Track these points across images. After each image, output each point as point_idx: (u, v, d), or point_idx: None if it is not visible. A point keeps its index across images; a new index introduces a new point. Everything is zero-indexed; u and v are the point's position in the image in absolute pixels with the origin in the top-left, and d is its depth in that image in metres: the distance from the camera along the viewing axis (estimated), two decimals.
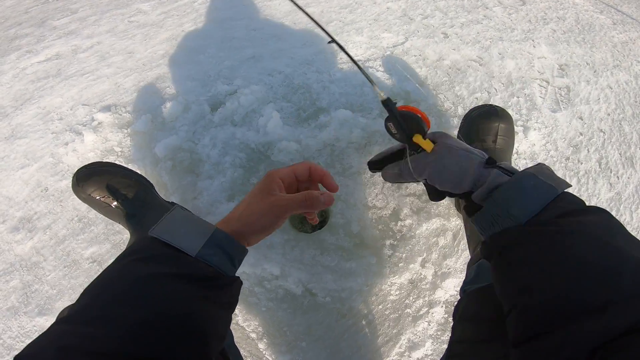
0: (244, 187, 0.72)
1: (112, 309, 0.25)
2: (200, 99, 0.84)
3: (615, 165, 0.83)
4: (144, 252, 0.28)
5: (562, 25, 1.14)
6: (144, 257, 0.28)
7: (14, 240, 0.73)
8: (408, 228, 0.70)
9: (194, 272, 0.27)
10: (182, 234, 0.29)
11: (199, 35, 1.06)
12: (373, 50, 0.98)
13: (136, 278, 0.26)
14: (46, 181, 0.79)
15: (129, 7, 1.21)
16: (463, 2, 1.18)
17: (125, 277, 0.27)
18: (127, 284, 0.26)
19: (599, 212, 0.29)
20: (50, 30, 1.16)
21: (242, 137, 0.75)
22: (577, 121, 0.90)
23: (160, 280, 0.26)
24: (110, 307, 0.25)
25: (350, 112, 0.76)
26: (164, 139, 0.76)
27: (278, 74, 0.90)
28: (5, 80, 1.01)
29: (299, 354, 0.60)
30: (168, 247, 0.28)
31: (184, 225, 0.30)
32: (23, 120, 0.92)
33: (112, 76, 0.96)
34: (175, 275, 0.27)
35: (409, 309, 0.65)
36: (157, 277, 0.26)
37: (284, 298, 0.63)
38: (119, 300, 0.25)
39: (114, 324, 0.24)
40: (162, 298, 0.26)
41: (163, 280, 0.26)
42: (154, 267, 0.27)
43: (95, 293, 0.27)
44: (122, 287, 0.26)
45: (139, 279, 0.26)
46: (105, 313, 0.25)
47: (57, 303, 0.66)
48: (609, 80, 0.99)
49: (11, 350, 0.63)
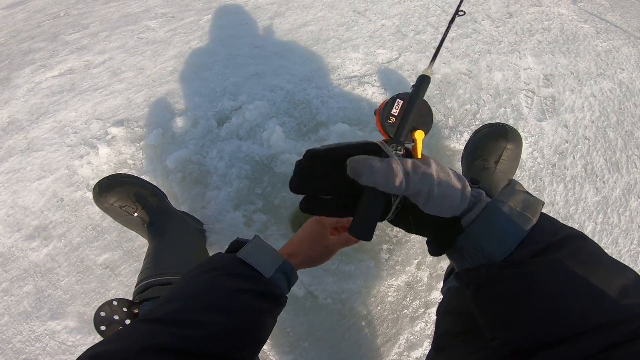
0: (249, 197, 0.77)
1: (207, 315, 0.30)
2: (208, 114, 0.90)
3: (600, 171, 0.87)
4: (230, 269, 0.34)
5: (548, 36, 1.19)
6: (230, 273, 0.34)
7: (29, 248, 0.76)
8: (403, 233, 0.74)
9: (268, 290, 0.34)
10: (260, 259, 0.36)
11: (205, 53, 1.12)
12: (369, 66, 1.04)
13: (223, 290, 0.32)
14: (62, 192, 0.83)
15: (137, 23, 1.27)
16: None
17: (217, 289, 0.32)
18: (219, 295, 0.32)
19: (576, 241, 0.27)
20: (62, 45, 1.21)
21: (247, 150, 0.80)
22: (563, 129, 0.94)
23: (243, 294, 0.32)
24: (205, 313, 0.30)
25: (347, 125, 0.82)
26: (174, 152, 0.81)
27: (280, 90, 0.95)
28: (21, 94, 1.06)
29: (302, 354, 0.63)
30: (249, 268, 0.35)
31: (262, 252, 0.37)
32: (39, 133, 0.96)
33: (124, 91, 1.02)
34: (254, 292, 0.33)
35: (406, 309, 0.68)
36: (241, 291, 0.32)
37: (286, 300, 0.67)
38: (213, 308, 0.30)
39: (210, 329, 0.28)
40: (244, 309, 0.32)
41: (245, 294, 0.33)
42: (238, 283, 0.33)
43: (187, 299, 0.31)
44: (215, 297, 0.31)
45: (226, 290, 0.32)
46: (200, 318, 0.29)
47: (69, 307, 0.68)
48: (592, 89, 1.04)
49: (20, 354, 0.64)
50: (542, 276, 0.25)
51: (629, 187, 0.85)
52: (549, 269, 0.25)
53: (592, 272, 0.25)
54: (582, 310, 0.24)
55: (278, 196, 0.77)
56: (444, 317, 0.44)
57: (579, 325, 0.23)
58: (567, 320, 0.24)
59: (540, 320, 0.25)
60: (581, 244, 0.27)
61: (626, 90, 1.06)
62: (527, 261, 0.26)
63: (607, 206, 0.82)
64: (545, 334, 0.24)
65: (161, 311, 0.30)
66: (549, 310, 0.25)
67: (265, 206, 0.76)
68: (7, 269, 0.73)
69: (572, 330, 0.23)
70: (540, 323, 0.25)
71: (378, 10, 1.25)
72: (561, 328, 0.24)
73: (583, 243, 0.27)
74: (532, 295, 0.25)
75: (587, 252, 0.27)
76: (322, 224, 0.44)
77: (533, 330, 0.25)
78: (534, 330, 0.25)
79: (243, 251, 0.36)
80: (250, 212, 0.76)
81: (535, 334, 0.24)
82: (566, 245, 0.27)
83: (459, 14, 0.35)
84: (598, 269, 0.26)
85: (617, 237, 0.78)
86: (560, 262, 0.26)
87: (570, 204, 0.82)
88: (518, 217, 0.27)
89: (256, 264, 0.35)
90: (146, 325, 0.29)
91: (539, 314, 0.25)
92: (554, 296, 0.25)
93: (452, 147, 0.87)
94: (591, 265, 0.26)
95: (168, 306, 0.31)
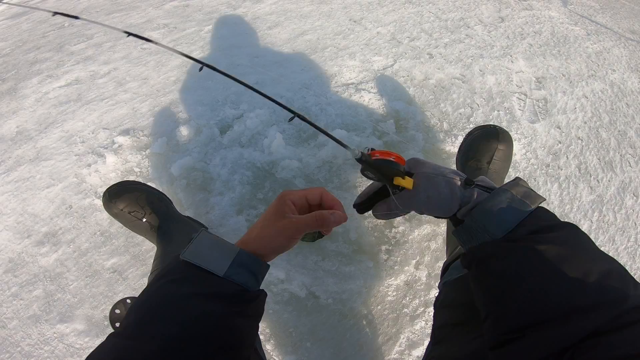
0: (252, 202, 0.80)
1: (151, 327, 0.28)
2: (210, 123, 0.93)
3: (594, 170, 0.89)
4: (177, 273, 0.31)
5: (539, 39, 1.22)
6: (177, 278, 0.31)
7: (39, 253, 0.78)
8: (401, 234, 0.76)
9: (223, 290, 0.31)
10: (210, 256, 0.32)
11: (206, 62, 1.15)
12: (365, 74, 1.07)
13: (171, 298, 0.29)
14: (70, 199, 0.85)
15: (141, 34, 1.30)
16: (446, 23, 1.27)
17: (161, 297, 0.30)
18: (163, 303, 0.29)
19: (568, 227, 0.30)
20: (68, 55, 1.24)
21: (248, 157, 0.83)
22: (555, 130, 0.96)
23: (192, 299, 0.29)
24: (149, 325, 0.28)
25: (345, 131, 0.84)
26: (179, 160, 0.83)
27: (280, 98, 0.98)
28: (29, 104, 1.08)
29: (304, 354, 0.64)
30: (198, 269, 0.31)
31: (211, 249, 0.33)
32: (48, 143, 0.98)
33: (130, 101, 1.05)
34: (206, 295, 0.30)
35: (406, 308, 0.69)
36: (189, 296, 0.29)
37: (289, 301, 0.68)
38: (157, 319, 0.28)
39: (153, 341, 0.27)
40: (195, 315, 0.28)
41: (195, 299, 0.29)
42: (187, 287, 0.30)
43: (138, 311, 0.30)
44: (159, 306, 0.29)
45: (173, 298, 0.29)
46: (145, 330, 0.28)
47: (78, 310, 0.70)
48: (584, 90, 1.06)
49: (29, 358, 0.64)
50: (533, 254, 0.28)
51: (624, 185, 0.87)
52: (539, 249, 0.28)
53: (579, 256, 0.27)
54: (568, 290, 0.25)
55: None
56: (441, 310, 0.45)
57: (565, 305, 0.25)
58: (553, 299, 0.25)
59: (529, 297, 0.26)
60: (573, 231, 0.30)
61: (618, 90, 1.08)
62: (524, 238, 0.29)
63: (602, 204, 0.83)
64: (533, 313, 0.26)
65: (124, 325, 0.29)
66: (538, 288, 0.26)
67: None
68: (17, 274, 0.74)
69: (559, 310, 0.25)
70: (529, 301, 0.26)
71: (373, 19, 1.29)
72: (548, 307, 0.25)
73: (575, 231, 0.30)
74: (524, 272, 0.28)
75: (577, 239, 0.29)
76: (282, 200, 0.36)
77: (522, 307, 0.26)
78: (523, 307, 0.26)
79: (186, 252, 0.32)
80: (253, 216, 0.78)
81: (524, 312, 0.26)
82: (559, 230, 0.30)
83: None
84: (585, 253, 0.28)
85: (613, 235, 0.79)
86: (551, 242, 0.28)
87: (565, 203, 0.83)
88: (518, 202, 0.31)
89: (204, 263, 0.31)
90: (115, 340, 0.28)
91: (528, 292, 0.27)
92: (543, 275, 0.27)
93: (447, 150, 0.90)
94: (579, 250, 0.28)
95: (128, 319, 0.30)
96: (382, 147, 0.87)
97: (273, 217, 0.35)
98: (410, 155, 0.85)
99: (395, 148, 0.89)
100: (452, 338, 0.39)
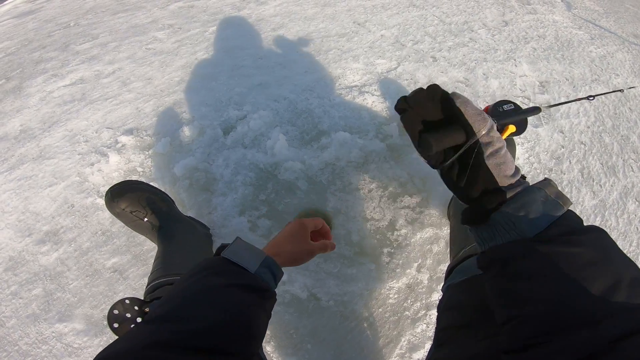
0: (254, 203, 0.79)
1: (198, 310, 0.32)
2: (214, 124, 0.93)
3: (597, 175, 0.89)
4: (217, 268, 0.37)
5: (542, 43, 1.22)
6: (218, 271, 0.36)
7: (40, 252, 0.78)
8: (404, 237, 0.76)
9: (254, 283, 0.37)
10: (244, 256, 0.39)
11: (210, 63, 1.16)
12: (369, 76, 1.08)
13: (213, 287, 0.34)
14: (73, 198, 0.85)
15: (145, 34, 1.31)
16: (450, 27, 1.28)
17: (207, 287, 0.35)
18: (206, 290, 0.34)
19: (598, 232, 0.30)
20: (73, 54, 1.25)
21: (251, 158, 0.83)
22: (559, 135, 0.96)
23: (231, 289, 0.35)
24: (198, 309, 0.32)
25: (349, 134, 0.84)
26: (182, 160, 0.84)
27: (283, 99, 0.99)
28: (33, 103, 1.09)
29: (305, 356, 0.64)
30: (234, 265, 0.38)
31: (245, 251, 0.40)
32: (51, 141, 0.99)
33: (133, 101, 1.05)
34: (241, 285, 0.36)
35: (407, 311, 0.69)
36: (229, 286, 0.35)
37: (290, 302, 0.68)
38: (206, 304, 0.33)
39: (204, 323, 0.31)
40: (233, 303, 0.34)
41: (233, 289, 0.35)
42: (226, 279, 0.36)
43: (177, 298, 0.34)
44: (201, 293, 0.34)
45: (215, 287, 0.34)
46: (194, 314, 0.31)
47: (77, 310, 0.69)
48: (588, 94, 1.07)
49: (26, 357, 0.64)
50: (564, 257, 0.27)
51: (626, 190, 0.87)
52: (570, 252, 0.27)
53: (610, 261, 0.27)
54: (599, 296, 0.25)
55: (282, 202, 0.80)
56: (444, 312, 0.45)
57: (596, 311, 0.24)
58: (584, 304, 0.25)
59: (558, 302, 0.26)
60: (601, 235, 0.30)
61: (621, 95, 1.08)
62: (556, 238, 0.29)
63: (605, 209, 0.83)
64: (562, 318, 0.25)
65: (161, 311, 0.32)
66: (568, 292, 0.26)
67: (269, 212, 0.79)
68: (17, 273, 0.74)
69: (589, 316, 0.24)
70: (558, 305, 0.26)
71: (377, 22, 1.30)
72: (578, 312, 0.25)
73: (603, 235, 0.30)
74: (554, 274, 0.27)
75: (606, 243, 0.29)
76: (304, 226, 0.47)
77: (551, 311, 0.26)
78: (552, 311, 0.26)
79: (227, 251, 0.39)
80: (255, 217, 0.78)
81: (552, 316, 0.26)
82: (588, 233, 0.29)
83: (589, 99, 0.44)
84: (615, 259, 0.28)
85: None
86: (582, 245, 0.28)
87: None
88: (552, 202, 0.31)
89: (240, 261, 0.38)
90: (148, 325, 0.31)
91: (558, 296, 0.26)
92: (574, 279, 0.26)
93: None
94: (609, 254, 0.28)
95: (166, 306, 0.33)
96: (386, 149, 0.87)
97: (301, 241, 0.46)
98: (413, 159, 0.86)
99: (398, 151, 0.89)
100: (456, 340, 0.39)
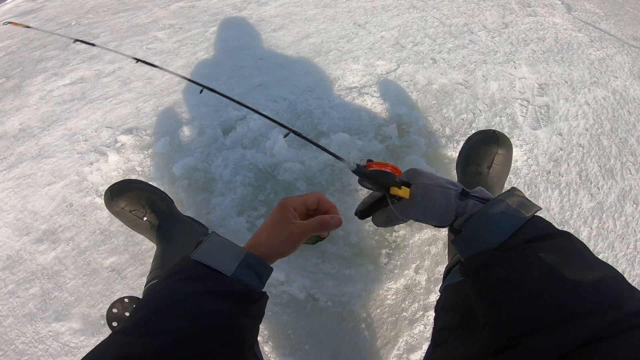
0: (253, 204, 0.80)
1: (161, 322, 0.29)
2: (214, 124, 0.93)
3: (595, 177, 0.89)
4: (187, 272, 0.33)
5: (542, 45, 1.22)
6: (188, 277, 0.32)
7: (37, 251, 0.78)
8: (402, 238, 0.76)
9: (230, 289, 0.32)
10: (219, 257, 0.33)
11: (211, 64, 1.16)
12: (368, 78, 1.08)
13: (181, 295, 0.31)
14: (71, 197, 0.85)
15: (146, 34, 1.31)
16: (450, 29, 1.28)
17: (172, 294, 0.31)
18: (174, 300, 0.31)
19: (564, 236, 0.31)
20: (74, 54, 1.24)
21: (251, 158, 0.83)
22: (557, 137, 0.96)
23: (202, 297, 0.31)
24: (158, 320, 0.29)
25: (348, 135, 0.85)
26: (181, 160, 0.84)
27: (283, 100, 0.99)
28: (33, 102, 1.08)
29: (303, 356, 0.64)
30: (208, 269, 0.33)
31: (220, 250, 0.34)
32: (50, 140, 0.98)
33: (133, 101, 1.05)
34: (215, 293, 0.31)
35: (405, 312, 0.69)
36: (199, 294, 0.31)
37: (288, 303, 0.68)
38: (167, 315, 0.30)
39: (172, 336, 0.28)
40: (205, 312, 0.30)
41: (204, 296, 0.31)
42: (197, 285, 0.31)
43: (146, 308, 0.31)
44: (169, 303, 0.30)
45: (183, 296, 0.31)
46: (154, 326, 0.29)
47: (74, 309, 0.69)
48: (586, 97, 1.06)
49: (22, 356, 0.64)
50: (529, 262, 0.29)
51: (624, 193, 0.87)
52: (535, 256, 0.29)
53: (575, 263, 0.28)
54: (563, 297, 0.26)
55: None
56: (442, 313, 0.45)
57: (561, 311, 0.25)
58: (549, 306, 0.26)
59: (525, 305, 0.27)
60: (568, 239, 0.31)
61: (620, 98, 1.08)
62: (518, 246, 0.30)
63: (602, 212, 0.83)
64: (529, 320, 0.26)
65: (130, 322, 0.30)
66: (533, 295, 0.27)
67: (268, 212, 0.79)
68: (14, 272, 0.74)
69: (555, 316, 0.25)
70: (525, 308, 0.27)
71: (377, 23, 1.30)
72: (544, 314, 0.26)
73: (570, 239, 0.31)
74: (519, 280, 0.28)
75: (572, 246, 0.30)
76: (285, 207, 0.39)
77: (518, 314, 0.27)
78: (519, 314, 0.27)
79: (197, 252, 0.34)
80: (254, 218, 0.78)
81: (520, 319, 0.27)
82: (554, 238, 0.30)
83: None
84: (580, 261, 0.29)
85: (613, 241, 0.79)
86: (546, 250, 0.29)
87: (565, 210, 0.83)
88: (513, 212, 0.32)
89: (214, 263, 0.33)
90: (118, 337, 0.29)
91: (524, 299, 0.27)
92: (538, 282, 0.27)
93: (449, 155, 0.90)
94: (574, 257, 0.29)
95: (135, 317, 0.31)
96: (385, 151, 0.88)
97: (280, 223, 0.38)
98: (412, 160, 0.87)
99: (397, 153, 0.89)
100: (453, 341, 0.40)
